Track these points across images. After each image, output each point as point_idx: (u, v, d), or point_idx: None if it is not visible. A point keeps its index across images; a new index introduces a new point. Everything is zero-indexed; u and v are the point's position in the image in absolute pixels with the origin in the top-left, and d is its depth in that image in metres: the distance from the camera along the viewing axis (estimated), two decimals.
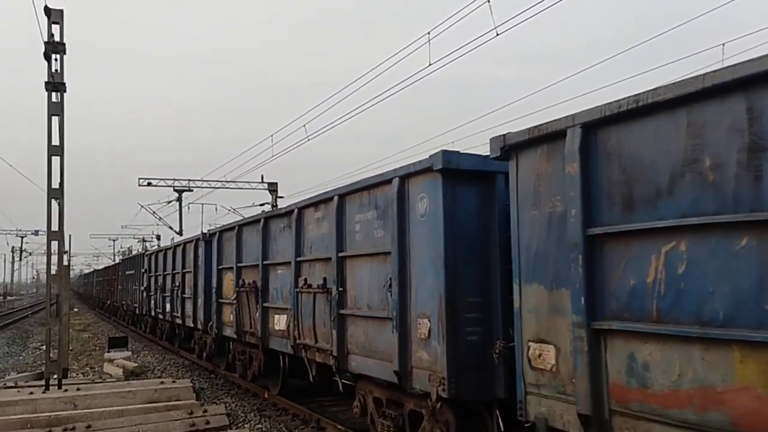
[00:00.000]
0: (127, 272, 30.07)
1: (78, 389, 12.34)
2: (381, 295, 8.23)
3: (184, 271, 17.88)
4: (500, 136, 6.33)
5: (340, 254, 9.18)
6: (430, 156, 7.26)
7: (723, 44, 14.11)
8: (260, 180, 42.33)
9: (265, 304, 11.87)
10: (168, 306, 19.94)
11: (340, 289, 9.12)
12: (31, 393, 11.84)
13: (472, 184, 7.28)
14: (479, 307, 7.18)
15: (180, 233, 41.31)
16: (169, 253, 19.88)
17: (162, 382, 13.15)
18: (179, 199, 43.00)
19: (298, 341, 10.41)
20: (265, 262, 11.88)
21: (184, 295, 17.89)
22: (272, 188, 42.82)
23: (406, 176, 7.77)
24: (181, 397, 12.04)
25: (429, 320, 7.29)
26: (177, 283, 18.54)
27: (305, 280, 10.19)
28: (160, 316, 21.60)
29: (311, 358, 10.17)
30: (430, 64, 15.27)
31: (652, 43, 15.71)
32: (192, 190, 43.31)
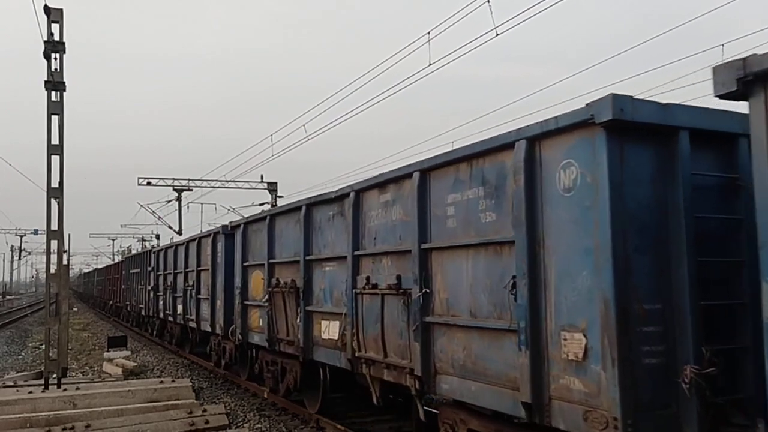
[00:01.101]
0: (132, 271, 27.08)
1: (77, 388, 11.95)
2: (494, 299, 5.87)
3: (200, 268, 15.41)
4: (737, 61, 3.92)
5: (424, 246, 6.78)
6: (587, 105, 4.91)
7: (723, 45, 13.41)
8: (260, 180, 40.48)
9: (309, 308, 9.45)
10: (180, 308, 17.47)
11: (425, 290, 6.74)
12: (31, 392, 11.49)
13: (645, 143, 4.96)
14: (658, 316, 4.86)
15: (179, 233, 39.60)
16: (181, 250, 17.33)
17: (161, 382, 12.66)
18: (179, 199, 41.29)
19: (357, 354, 8.00)
20: (308, 258, 9.47)
21: (199, 296, 15.41)
22: (272, 188, 40.94)
23: (538, 137, 5.41)
24: (180, 396, 11.58)
25: (585, 335, 4.93)
26: (191, 283, 16.07)
27: (367, 279, 7.79)
28: (170, 319, 19.03)
29: (376, 375, 7.78)
30: (430, 64, 14.71)
31: (653, 43, 15.14)
32: (191, 190, 41.68)
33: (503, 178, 5.80)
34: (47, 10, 12.84)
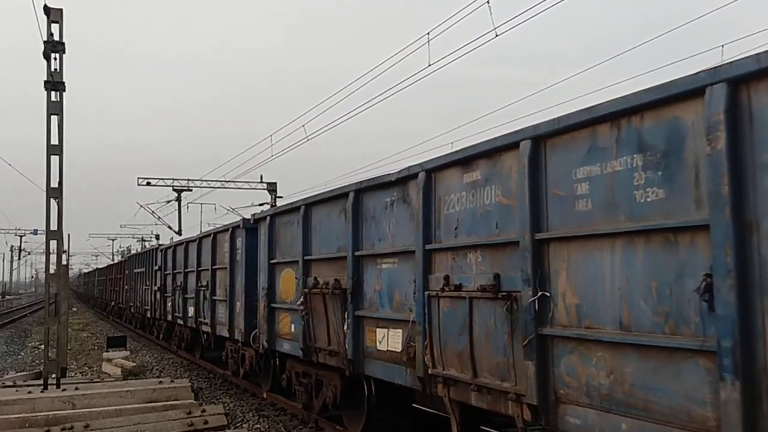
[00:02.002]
0: (136, 270, 24.67)
1: (76, 389, 11.68)
2: (665, 306, 4.09)
3: (215, 267, 13.48)
4: None
5: (539, 236, 4.98)
6: None
7: (722, 46, 12.94)
8: (259, 180, 38.73)
9: (359, 313, 7.62)
10: (191, 310, 15.39)
11: (542, 293, 4.91)
12: (30, 392, 11.25)
13: None
14: None
15: (179, 233, 37.80)
16: (193, 247, 15.28)
17: (160, 382, 12.31)
18: (178, 199, 39.69)
19: (432, 371, 6.19)
20: (357, 254, 7.65)
21: (214, 298, 13.48)
22: (271, 188, 39.18)
23: (745, 79, 3.65)
24: (179, 396, 11.27)
25: None
26: (204, 283, 14.13)
27: (446, 278, 6.01)
28: (179, 322, 16.92)
29: (459, 398, 5.98)
30: (429, 65, 14.22)
31: (653, 44, 14.68)
32: (191, 190, 40.13)
33: (679, 141, 4.02)
34: (47, 10, 12.42)
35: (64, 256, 13.30)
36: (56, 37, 12.54)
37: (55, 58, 12.60)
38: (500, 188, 5.51)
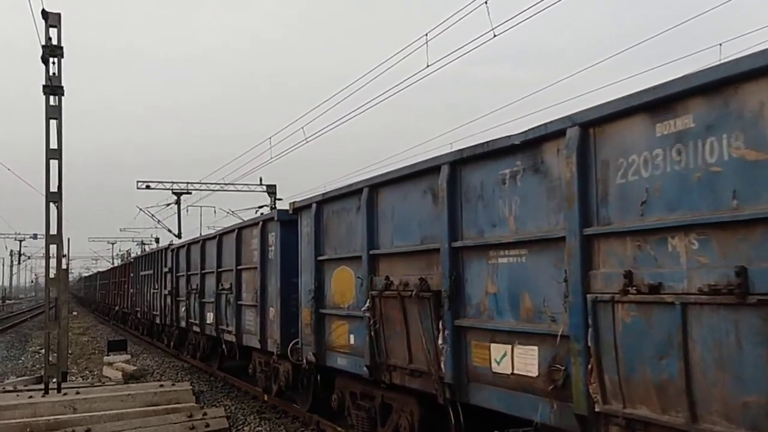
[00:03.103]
0: (143, 272, 21.81)
1: (77, 393, 11.21)
2: None
3: (241, 267, 11.23)
4: None
5: None
6: None
7: (720, 44, 12.29)
8: (259, 182, 36.78)
9: (461, 323, 5.46)
10: (210, 316, 13.13)
11: None
12: (31, 397, 10.80)
13: None
14: None
15: (179, 236, 35.76)
16: (212, 245, 12.98)
17: (161, 385, 11.71)
18: (178, 202, 37.63)
19: (604, 408, 4.09)
20: (456, 244, 5.53)
21: (240, 302, 11.24)
22: (271, 191, 37.04)
23: None
24: (180, 400, 10.80)
25: None
26: (226, 285, 11.90)
27: (626, 275, 3.90)
28: (195, 329, 14.52)
29: None
30: (428, 65, 13.58)
31: (651, 42, 13.99)
32: (191, 193, 38.17)
33: None
34: (45, 14, 11.83)
35: (64, 260, 12.63)
36: (54, 42, 11.92)
37: (54, 63, 12.04)
38: (741, 137, 3.41)
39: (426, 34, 13.33)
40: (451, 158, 5.62)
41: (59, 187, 11.97)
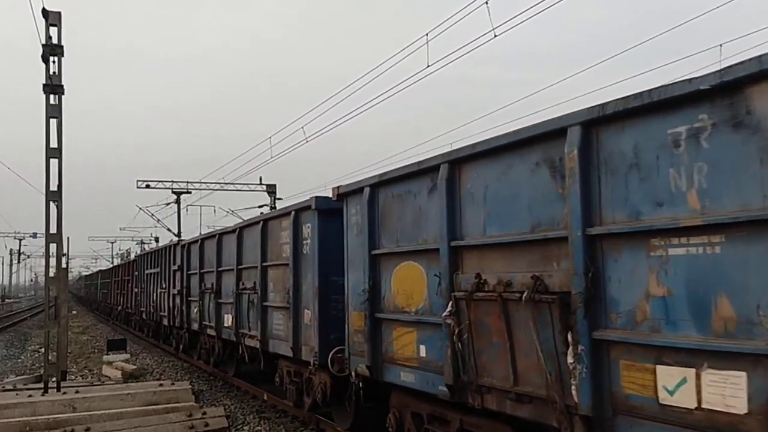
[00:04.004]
0: (148, 271, 19.79)
1: (77, 392, 10.81)
2: None
3: (267, 264, 9.54)
4: None
5: None
6: None
7: (720, 45, 11.92)
8: (259, 182, 35.37)
9: (603, 335, 3.91)
10: (228, 318, 11.48)
11: None
12: (30, 396, 10.34)
13: None
14: None
15: (179, 235, 34.30)
16: (230, 240, 11.32)
17: (161, 385, 11.31)
18: (177, 201, 36.36)
19: None
20: (592, 231, 3.99)
21: (266, 304, 9.56)
22: (271, 190, 35.66)
23: None
24: (180, 399, 10.34)
25: None
26: (249, 284, 10.22)
27: None
28: (209, 332, 12.84)
29: None
30: (428, 66, 13.12)
31: (651, 43, 13.59)
32: (190, 192, 36.85)
33: None
34: (45, 13, 11.46)
35: (63, 259, 12.25)
36: (55, 41, 11.50)
37: (54, 62, 11.60)
38: None
39: (426, 35, 12.82)
40: (582, 117, 4.06)
41: (59, 186, 11.67)
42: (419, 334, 5.70)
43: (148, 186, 35.00)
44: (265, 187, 35.29)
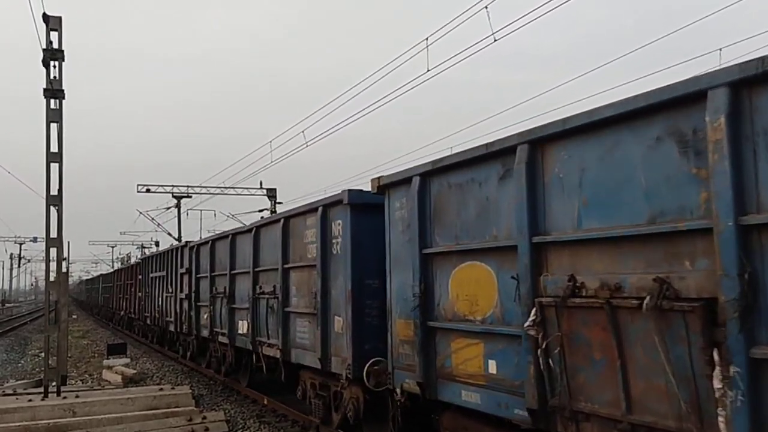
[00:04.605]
0: (153, 274, 18.49)
1: (77, 396, 10.54)
2: None
3: (289, 266, 8.44)
4: None
5: None
6: None
7: (720, 49, 11.76)
8: (259, 186, 34.41)
9: (765, 353, 2.94)
10: (243, 325, 10.38)
11: None
12: (30, 400, 10.31)
13: None
14: None
15: (179, 239, 33.46)
16: (245, 240, 10.24)
17: (161, 389, 11.11)
18: (178, 206, 35.75)
19: None
20: (749, 221, 3.07)
21: (288, 309, 8.47)
22: (271, 194, 34.64)
23: None
24: (180, 403, 10.11)
25: None
26: (267, 288, 9.15)
27: None
28: (222, 339, 11.70)
29: None
30: (428, 70, 12.88)
31: (652, 46, 13.51)
32: (191, 197, 35.97)
33: None
34: (46, 18, 11.27)
35: (64, 264, 12.05)
36: (55, 45, 11.33)
37: (55, 66, 11.42)
38: None
39: (426, 38, 12.59)
40: (731, 77, 3.12)
41: (59, 190, 11.46)
42: (487, 346, 4.73)
43: (148, 190, 34.28)
44: (265, 191, 34.50)
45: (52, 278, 12.16)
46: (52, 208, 11.41)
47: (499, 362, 4.61)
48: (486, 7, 10.54)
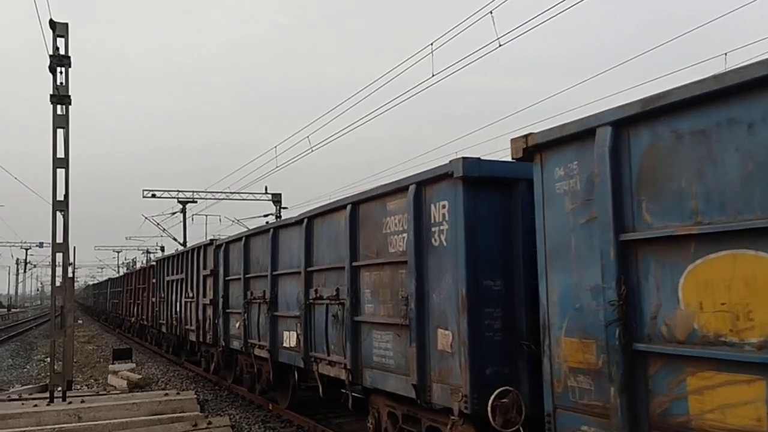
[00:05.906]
0: (170, 278, 16.95)
1: (82, 401, 10.69)
2: None
3: (360, 263, 6.94)
4: None
5: None
6: None
7: (725, 54, 11.81)
8: (264, 191, 34.96)
9: None
10: (289, 336, 8.85)
11: None
12: (36, 405, 10.25)
13: None
14: None
15: (184, 245, 34.19)
16: (289, 235, 8.97)
17: (166, 394, 11.14)
18: (183, 211, 36.51)
19: None
20: None
21: (358, 318, 6.96)
22: (276, 199, 35.18)
23: None
24: (185, 409, 10.19)
25: None
26: (329, 292, 7.60)
27: None
28: (259, 353, 10.11)
29: None
30: (433, 75, 12.92)
31: (657, 52, 13.48)
32: (196, 202, 36.77)
33: None
34: (53, 24, 11.51)
35: (69, 269, 12.19)
36: (62, 51, 11.53)
37: (61, 72, 11.61)
38: None
39: (431, 44, 12.67)
40: None
41: (66, 195, 11.59)
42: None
43: (154, 195, 34.95)
44: (270, 196, 34.79)
45: (58, 283, 12.02)
46: (58, 213, 11.55)
47: None
48: (491, 12, 10.49)
